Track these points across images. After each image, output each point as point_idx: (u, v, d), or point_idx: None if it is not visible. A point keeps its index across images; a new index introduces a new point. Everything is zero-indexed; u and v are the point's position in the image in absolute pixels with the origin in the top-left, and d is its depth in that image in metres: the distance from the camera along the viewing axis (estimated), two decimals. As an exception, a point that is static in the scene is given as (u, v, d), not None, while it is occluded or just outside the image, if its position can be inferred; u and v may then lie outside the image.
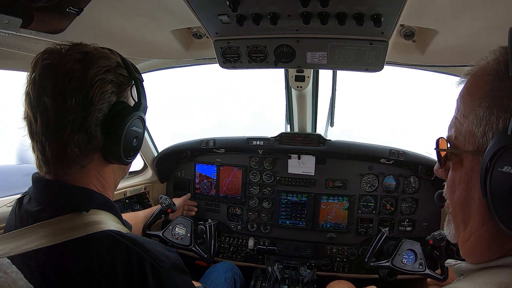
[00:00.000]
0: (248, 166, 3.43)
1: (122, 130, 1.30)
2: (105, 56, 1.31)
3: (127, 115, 1.32)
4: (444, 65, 2.28)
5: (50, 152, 1.23)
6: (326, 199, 3.26)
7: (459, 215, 0.98)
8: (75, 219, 1.22)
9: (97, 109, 1.24)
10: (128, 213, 3.03)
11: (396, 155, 3.06)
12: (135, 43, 2.23)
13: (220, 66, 2.10)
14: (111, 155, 1.33)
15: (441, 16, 1.71)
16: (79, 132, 1.22)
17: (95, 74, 1.24)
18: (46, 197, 1.30)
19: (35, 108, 1.21)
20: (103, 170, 1.38)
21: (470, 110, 0.91)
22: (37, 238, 1.17)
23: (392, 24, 1.64)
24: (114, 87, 1.30)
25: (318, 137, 3.13)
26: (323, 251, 3.29)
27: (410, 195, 3.20)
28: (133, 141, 1.39)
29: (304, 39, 1.85)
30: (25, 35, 1.69)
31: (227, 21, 1.71)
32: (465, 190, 0.94)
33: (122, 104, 1.33)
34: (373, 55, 1.87)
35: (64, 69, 1.20)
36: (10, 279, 1.14)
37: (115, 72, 1.32)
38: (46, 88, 1.20)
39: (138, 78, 1.41)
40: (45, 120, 1.21)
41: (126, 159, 1.37)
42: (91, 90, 1.22)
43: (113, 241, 1.21)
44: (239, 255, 3.44)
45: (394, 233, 3.18)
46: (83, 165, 1.29)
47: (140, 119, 1.40)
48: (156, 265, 1.20)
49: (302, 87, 2.66)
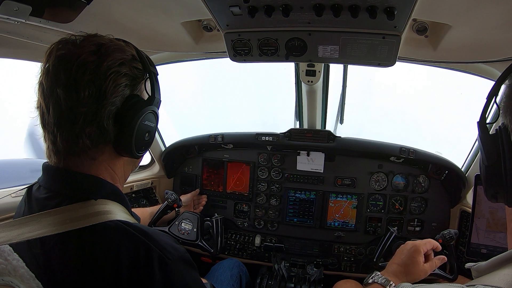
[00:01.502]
0: (256, 162, 3.40)
1: (134, 124, 1.29)
2: (120, 48, 1.30)
3: (140, 109, 1.32)
4: (457, 61, 2.24)
5: (61, 143, 1.23)
6: (334, 197, 3.23)
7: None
8: (82, 208, 1.21)
9: (110, 102, 1.23)
10: (136, 209, 3.02)
11: (406, 153, 3.01)
12: (144, 35, 2.22)
13: (231, 59, 2.09)
14: (123, 148, 1.32)
15: (455, 10, 1.67)
16: (91, 125, 1.22)
17: (109, 66, 1.23)
18: (55, 184, 1.30)
19: (48, 98, 1.21)
20: (114, 162, 1.37)
21: None
22: (42, 226, 1.17)
23: (405, 18, 1.62)
24: (128, 80, 1.29)
25: (328, 133, 3.10)
26: (330, 249, 3.27)
27: (419, 195, 3.16)
28: (145, 135, 1.38)
29: (316, 32, 1.84)
30: (34, 23, 1.68)
31: (239, 13, 1.70)
32: None
33: (136, 97, 1.32)
34: (386, 49, 1.86)
35: (78, 60, 1.19)
36: (10, 267, 1.15)
37: (130, 65, 1.31)
38: (59, 79, 1.19)
39: (152, 71, 1.40)
40: (57, 111, 1.20)
41: (138, 153, 1.37)
42: (105, 82, 1.21)
43: (121, 231, 1.20)
44: (245, 252, 3.42)
45: (402, 233, 3.14)
46: (94, 157, 1.29)
47: (153, 113, 1.39)
48: (163, 256, 1.19)
49: (313, 82, 2.63)
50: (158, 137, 3.46)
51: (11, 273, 1.13)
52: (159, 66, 2.91)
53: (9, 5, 1.49)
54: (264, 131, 3.26)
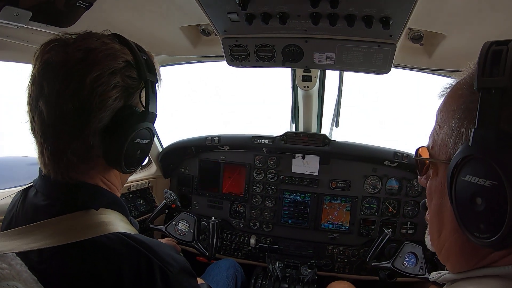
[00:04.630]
0: (252, 164, 3.43)
1: (123, 142, 1.19)
2: (112, 54, 1.17)
3: (132, 125, 1.20)
4: (451, 70, 2.27)
5: (47, 156, 1.17)
6: (329, 200, 3.26)
7: (435, 222, 1.00)
8: (83, 218, 1.18)
9: (96, 119, 1.13)
10: None
11: (400, 158, 3.05)
12: (143, 38, 2.22)
13: (228, 64, 2.11)
14: (113, 164, 1.23)
15: (450, 21, 1.71)
16: (77, 141, 1.14)
17: (96, 78, 1.11)
18: (53, 191, 1.24)
19: (33, 110, 1.15)
20: (108, 173, 1.31)
21: (445, 122, 0.94)
22: (44, 237, 1.13)
23: (401, 27, 1.64)
24: (120, 91, 1.17)
25: (323, 137, 3.13)
26: (324, 251, 3.30)
27: (412, 198, 3.19)
28: (137, 152, 1.27)
29: (312, 40, 1.86)
30: (34, 28, 1.70)
31: (236, 20, 1.72)
32: (439, 198, 0.96)
33: (129, 110, 1.21)
34: (381, 57, 1.88)
35: (63, 70, 1.11)
36: (14, 271, 1.13)
37: (122, 74, 1.18)
38: (42, 91, 1.12)
39: (149, 80, 1.25)
40: (41, 125, 1.14)
41: (128, 170, 1.27)
42: (91, 97, 1.10)
43: (122, 244, 1.16)
44: (241, 252, 3.44)
45: (395, 236, 3.17)
46: (83, 171, 1.23)
47: (147, 130, 1.27)
48: (165, 268, 1.16)
49: (308, 87, 2.67)
50: (155, 138, 3.45)
51: (15, 277, 1.10)
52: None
53: (10, 11, 1.50)
54: (260, 133, 3.29)
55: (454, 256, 0.95)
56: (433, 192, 1.00)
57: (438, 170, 0.98)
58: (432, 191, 1.01)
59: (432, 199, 1.01)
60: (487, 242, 0.76)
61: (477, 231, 0.78)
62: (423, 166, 1.07)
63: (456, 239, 0.92)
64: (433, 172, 1.01)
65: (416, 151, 1.09)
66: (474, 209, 0.78)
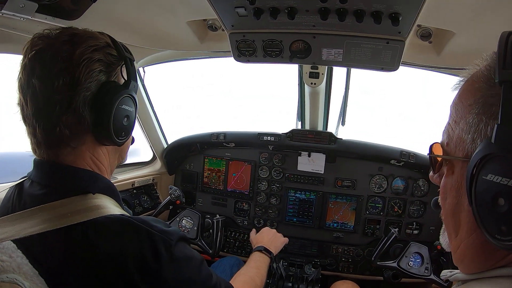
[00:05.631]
0: (257, 162, 3.41)
1: (111, 109, 1.29)
2: (93, 36, 1.31)
3: (116, 93, 1.31)
4: (460, 68, 2.25)
5: (41, 134, 1.24)
6: (334, 198, 3.24)
7: (450, 222, 0.97)
8: (82, 202, 1.23)
9: (84, 88, 1.23)
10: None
11: (407, 157, 3.03)
12: (149, 33, 2.23)
13: (235, 59, 2.10)
14: (102, 135, 1.32)
15: (459, 18, 1.69)
16: (67, 112, 1.22)
17: (81, 53, 1.23)
18: (49, 178, 1.30)
19: (26, 90, 1.23)
20: (97, 152, 1.37)
21: (461, 117, 0.90)
22: (42, 221, 1.17)
23: (410, 24, 1.63)
24: (103, 66, 1.29)
25: (330, 135, 3.11)
26: (328, 250, 3.28)
27: (418, 198, 3.17)
28: (124, 120, 1.37)
29: (320, 35, 1.85)
30: (40, 20, 1.70)
31: (244, 14, 1.71)
32: (456, 197, 0.92)
33: (112, 83, 1.32)
34: (389, 54, 1.86)
35: (51, 51, 1.21)
36: (15, 264, 1.13)
37: (104, 51, 1.31)
38: (34, 71, 1.21)
39: (128, 57, 1.39)
40: (34, 102, 1.22)
41: (118, 139, 1.36)
42: (78, 69, 1.21)
43: (122, 223, 1.22)
44: (244, 250, 3.42)
45: (401, 236, 3.14)
46: (74, 146, 1.29)
47: (130, 97, 1.39)
48: (166, 238, 1.24)
49: (316, 84, 2.65)
50: (160, 133, 3.47)
51: (15, 270, 1.11)
52: (162, 64, 2.95)
53: (16, 2, 1.50)
54: (266, 131, 3.27)
55: (470, 257, 0.92)
56: (448, 191, 0.96)
57: (454, 168, 0.94)
58: (447, 189, 0.97)
59: (447, 198, 0.97)
60: (509, 245, 0.72)
61: (499, 233, 0.74)
62: (436, 163, 1.04)
63: (473, 240, 0.88)
64: (448, 169, 0.97)
65: (430, 147, 1.05)
66: (496, 210, 0.74)
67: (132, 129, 1.47)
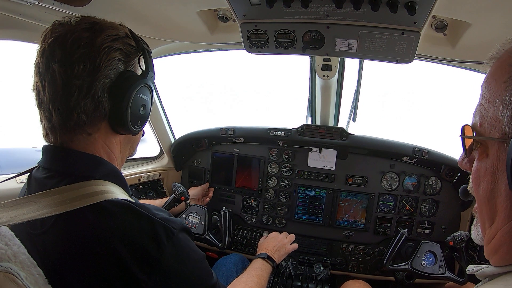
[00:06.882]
0: (266, 158, 3.37)
1: (128, 97, 1.32)
2: (113, 26, 1.34)
3: (134, 82, 1.34)
4: (476, 61, 2.19)
5: (57, 118, 1.25)
6: (345, 196, 3.18)
7: (485, 210, 0.91)
8: (82, 188, 1.22)
9: (104, 75, 1.26)
10: (144, 200, 3.01)
11: (419, 154, 2.97)
12: (159, 23, 2.19)
13: (246, 50, 2.06)
14: (118, 123, 1.34)
15: (476, 8, 1.64)
16: (86, 98, 1.24)
17: (102, 41, 1.26)
18: (54, 163, 1.31)
19: (44, 75, 1.24)
20: (110, 140, 1.39)
21: (496, 95, 0.85)
22: (41, 207, 1.16)
23: (426, 14, 1.60)
24: (122, 55, 1.32)
25: (341, 130, 3.06)
26: (338, 249, 3.23)
27: (430, 197, 3.11)
28: (140, 108, 1.40)
29: (334, 26, 1.82)
30: (47, 6, 1.67)
31: (256, 3, 1.67)
32: (491, 182, 0.87)
33: (130, 73, 1.35)
34: (404, 45, 1.83)
35: (72, 37, 1.23)
36: (10, 252, 1.12)
37: (123, 41, 1.34)
38: (54, 55, 1.22)
39: (146, 49, 1.42)
40: (52, 86, 1.23)
41: (134, 128, 1.39)
42: (99, 56, 1.24)
43: (123, 207, 1.22)
44: (252, 248, 3.37)
45: (412, 235, 3.09)
46: (90, 132, 1.30)
47: (147, 87, 1.42)
48: (169, 227, 1.24)
49: (328, 77, 2.60)
50: (168, 128, 3.44)
51: (11, 259, 1.10)
52: (172, 56, 2.92)
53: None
54: (276, 126, 3.22)
55: (506, 247, 0.86)
56: (482, 176, 0.91)
57: (489, 151, 0.89)
58: (480, 174, 0.92)
59: (480, 183, 0.91)
60: None
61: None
62: (470, 146, 0.98)
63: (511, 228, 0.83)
64: (481, 153, 0.92)
65: (462, 129, 0.99)
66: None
67: (147, 119, 1.49)
